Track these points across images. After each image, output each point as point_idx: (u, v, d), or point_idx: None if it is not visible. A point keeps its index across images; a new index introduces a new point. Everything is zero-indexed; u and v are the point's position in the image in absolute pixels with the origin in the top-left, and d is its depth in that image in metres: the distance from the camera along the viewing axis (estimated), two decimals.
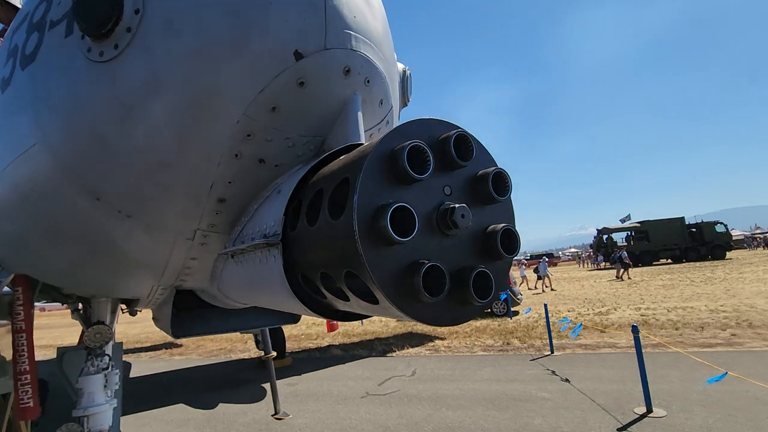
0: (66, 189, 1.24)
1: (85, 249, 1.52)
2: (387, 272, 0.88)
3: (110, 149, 1.12)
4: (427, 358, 9.57)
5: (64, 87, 1.11)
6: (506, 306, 14.41)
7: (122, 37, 0.98)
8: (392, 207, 0.84)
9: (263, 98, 1.03)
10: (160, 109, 1.03)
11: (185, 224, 1.33)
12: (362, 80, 1.14)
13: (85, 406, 3.23)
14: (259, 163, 1.17)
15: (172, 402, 7.52)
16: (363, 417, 6.01)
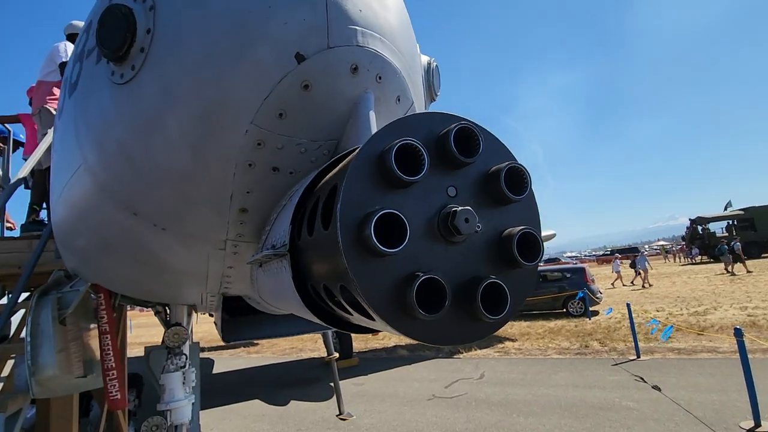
0: (107, 206, 1.33)
1: (134, 261, 1.63)
2: (379, 286, 0.79)
3: (137, 166, 1.17)
4: (496, 360, 9.19)
5: (96, 110, 1.19)
6: (583, 305, 13.40)
7: (137, 58, 1.02)
8: (377, 214, 0.75)
9: (269, 105, 1.01)
10: (175, 123, 1.05)
11: (214, 235, 1.36)
12: (373, 77, 1.07)
13: (167, 401, 3.52)
14: (273, 171, 1.15)
15: (249, 397, 7.99)
16: (429, 420, 5.90)
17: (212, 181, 1.14)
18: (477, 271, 0.88)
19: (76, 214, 1.52)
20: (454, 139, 0.86)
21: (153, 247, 1.44)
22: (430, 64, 1.43)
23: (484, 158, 0.93)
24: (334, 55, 0.99)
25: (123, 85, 1.06)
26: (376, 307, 0.79)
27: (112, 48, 1.02)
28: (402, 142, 0.81)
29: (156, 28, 1.01)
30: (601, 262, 52.12)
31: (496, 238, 0.92)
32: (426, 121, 0.90)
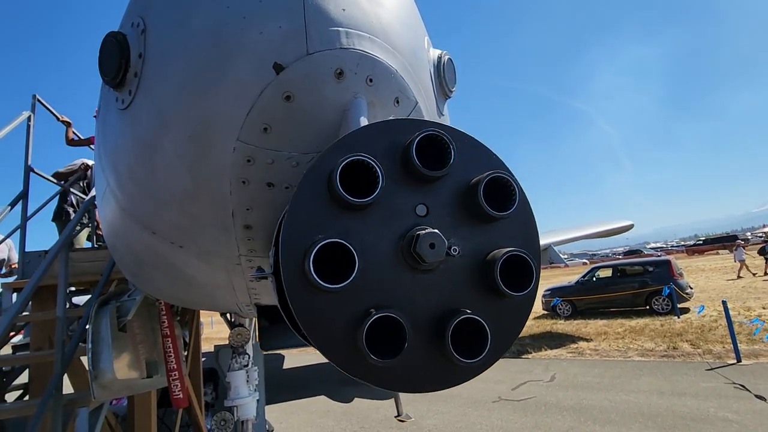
0: (131, 225, 1.39)
1: (165, 275, 1.70)
2: (327, 325, 0.71)
3: (145, 188, 1.20)
4: (568, 361, 8.60)
5: (110, 136, 1.25)
6: (670, 302, 12.08)
7: (132, 83, 1.03)
8: (317, 245, 0.67)
9: (252, 120, 0.96)
10: (170, 145, 1.06)
11: (227, 251, 1.36)
12: (362, 80, 0.97)
13: (233, 398, 3.73)
14: (268, 186, 1.10)
15: (315, 393, 8.28)
16: (495, 423, 5.67)
17: (212, 199, 1.13)
18: (452, 304, 0.76)
19: (113, 233, 1.62)
20: (421, 149, 0.75)
21: (176, 262, 1.48)
22: (440, 58, 1.29)
23: (463, 168, 0.80)
24: (315, 61, 0.91)
25: (124, 111, 1.09)
26: (324, 348, 0.71)
27: (111, 75, 1.05)
28: (349, 159, 0.71)
29: (146, 52, 1.01)
30: (691, 253, 46.70)
31: (479, 264, 0.79)
32: (385, 131, 0.80)
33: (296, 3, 0.89)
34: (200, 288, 1.75)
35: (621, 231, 13.24)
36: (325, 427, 6.35)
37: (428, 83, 1.20)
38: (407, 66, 1.04)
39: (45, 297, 3.30)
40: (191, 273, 1.54)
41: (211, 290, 1.77)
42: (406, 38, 1.07)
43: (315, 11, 0.90)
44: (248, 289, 1.66)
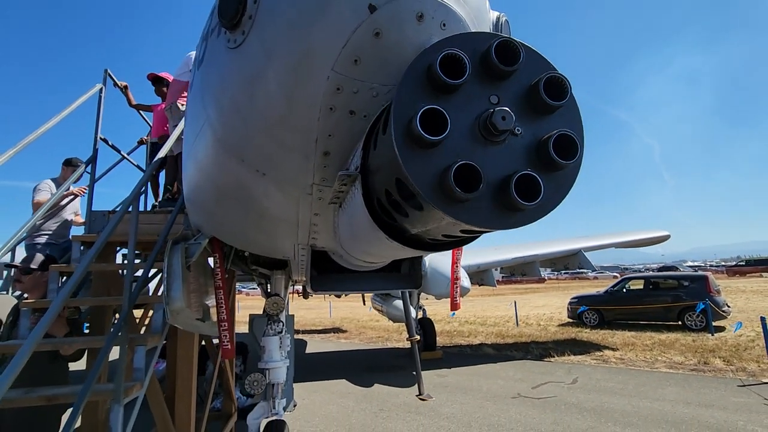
0: (222, 156, 1.61)
1: (240, 208, 1.92)
2: (425, 172, 0.91)
3: (244, 116, 1.40)
4: (592, 367, 8.47)
5: (216, 74, 1.46)
6: (705, 319, 11.63)
7: (246, 24, 1.24)
8: (422, 108, 0.88)
9: (346, 52, 1.15)
10: (273, 76, 1.26)
11: (303, 179, 1.56)
12: (437, 24, 1.15)
13: (266, 361, 3.98)
14: (350, 114, 1.29)
15: (337, 377, 8.53)
16: (512, 417, 5.71)
17: (301, 125, 1.33)
18: (515, 168, 0.96)
19: (199, 169, 1.85)
20: (496, 51, 0.95)
21: (255, 192, 1.70)
22: (498, 18, 1.48)
23: (527, 72, 0.99)
24: (401, 4, 1.09)
25: (235, 49, 1.29)
26: (424, 190, 0.90)
27: (228, 17, 1.25)
28: (447, 51, 0.92)
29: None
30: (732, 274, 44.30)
31: (536, 144, 0.99)
32: (472, 39, 1.00)
33: None
34: (268, 223, 1.96)
35: (656, 242, 12.81)
36: (346, 407, 6.56)
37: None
38: (473, 17, 1.21)
39: (106, 253, 3.65)
40: (266, 204, 1.75)
41: (276, 226, 1.98)
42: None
43: None
44: (311, 225, 1.85)
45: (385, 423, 5.76)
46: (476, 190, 0.90)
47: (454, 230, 1.11)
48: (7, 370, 1.64)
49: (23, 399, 2.26)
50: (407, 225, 1.17)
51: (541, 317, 17.93)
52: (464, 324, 16.91)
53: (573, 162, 0.97)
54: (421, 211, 1.00)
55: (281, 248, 2.29)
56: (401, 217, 1.11)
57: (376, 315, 21.33)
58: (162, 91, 5.06)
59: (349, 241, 1.73)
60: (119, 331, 2.21)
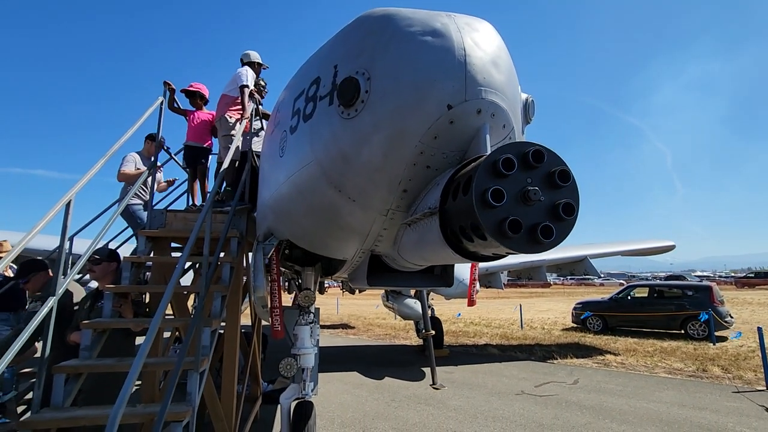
0: (323, 185, 2.17)
1: (326, 220, 2.48)
2: (492, 221, 1.48)
3: (350, 162, 1.98)
4: (593, 370, 8.85)
5: (328, 132, 2.02)
6: (707, 328, 11.91)
7: (359, 106, 1.84)
8: (492, 187, 1.47)
9: (430, 131, 1.75)
10: (377, 141, 1.84)
11: (384, 205, 2.14)
12: (489, 115, 1.77)
13: (298, 347, 4.46)
14: (426, 168, 1.89)
15: (348, 369, 9.00)
16: (516, 411, 6.13)
17: (391, 172, 1.92)
18: (541, 219, 1.53)
19: (297, 191, 2.41)
20: (532, 155, 1.53)
21: (343, 211, 2.27)
22: (527, 100, 2.07)
23: (548, 165, 1.57)
24: (468, 104, 1.71)
25: (348, 119, 1.88)
26: (489, 232, 1.46)
27: (346, 99, 1.84)
28: (505, 156, 1.49)
29: (371, 90, 1.80)
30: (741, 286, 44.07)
31: (551, 207, 1.56)
32: (519, 145, 1.57)
33: (461, 75, 1.70)
34: (345, 232, 2.48)
35: (662, 251, 13.13)
36: (359, 396, 7.03)
37: (519, 115, 1.96)
38: (511, 106, 1.78)
39: (162, 246, 4.14)
40: (348, 219, 2.29)
41: (350, 235, 2.51)
42: (512, 90, 1.86)
43: (471, 79, 1.71)
44: (377, 236, 2.37)
45: (397, 411, 6.21)
46: (519, 233, 1.46)
47: (500, 251, 1.66)
48: (143, 345, 2.11)
49: (118, 365, 2.74)
50: (469, 246, 1.72)
51: (545, 321, 18.26)
52: (469, 325, 17.32)
53: (572, 217, 1.54)
54: (484, 240, 1.54)
55: (345, 251, 2.82)
56: (467, 241, 1.64)
57: (381, 313, 21.81)
58: (197, 102, 5.54)
59: (410, 250, 2.27)
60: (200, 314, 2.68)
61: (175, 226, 4.11)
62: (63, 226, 2.75)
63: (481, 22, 1.90)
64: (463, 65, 1.69)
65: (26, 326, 2.43)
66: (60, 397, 2.62)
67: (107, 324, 3.06)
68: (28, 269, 3.79)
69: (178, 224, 4.13)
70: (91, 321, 3.01)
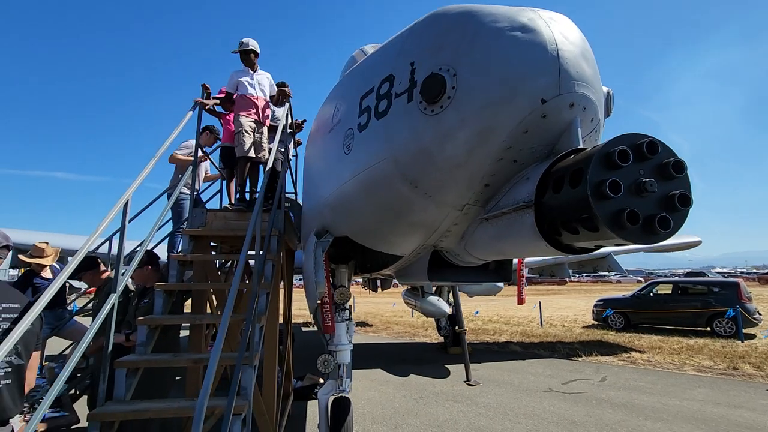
0: (397, 181, 2.18)
1: (394, 216, 2.49)
2: (606, 214, 1.49)
3: (431, 158, 1.98)
4: (620, 368, 8.76)
5: (407, 127, 2.03)
6: (735, 325, 11.67)
7: (444, 102, 1.84)
8: (609, 179, 1.47)
9: (520, 126, 1.75)
10: (463, 136, 1.84)
11: (459, 201, 2.15)
12: (581, 108, 1.77)
13: (335, 344, 4.52)
14: (512, 162, 1.89)
15: (372, 366, 9.07)
16: (547, 408, 6.11)
17: (474, 168, 1.92)
18: (655, 210, 1.54)
19: (366, 187, 2.40)
20: (646, 146, 1.53)
21: (415, 207, 2.27)
22: (608, 93, 2.05)
23: (660, 157, 1.57)
24: (562, 98, 1.70)
25: (431, 116, 1.88)
26: (606, 222, 1.46)
27: (430, 95, 1.84)
28: (620, 147, 1.49)
29: (458, 86, 1.79)
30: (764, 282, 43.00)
31: (664, 196, 1.57)
32: (630, 137, 1.56)
33: (554, 69, 1.70)
34: (413, 227, 2.50)
35: (687, 247, 12.89)
36: (386, 393, 7.08)
37: (603, 108, 1.93)
38: (598, 100, 1.79)
39: (203, 245, 4.24)
40: (420, 216, 2.31)
41: (418, 230, 2.53)
42: (599, 84, 1.85)
43: (564, 73, 1.70)
44: (445, 231, 2.39)
45: (427, 408, 6.24)
46: (636, 224, 1.47)
47: (607, 243, 1.66)
48: (218, 339, 2.18)
49: (173, 360, 2.83)
50: (568, 239, 1.72)
51: (564, 319, 18.09)
52: (488, 323, 17.25)
53: (688, 208, 1.55)
54: (594, 232, 1.55)
55: (405, 247, 2.85)
56: (570, 234, 1.65)
57: (399, 311, 21.85)
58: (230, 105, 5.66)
59: (485, 245, 2.29)
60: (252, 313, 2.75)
61: (215, 225, 4.20)
62: (122, 224, 2.85)
63: (561, 16, 1.88)
64: (556, 59, 1.69)
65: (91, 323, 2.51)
66: (122, 390, 2.72)
67: (160, 320, 3.16)
68: (80, 267, 3.92)
69: (218, 223, 4.22)
70: (145, 317, 3.11)
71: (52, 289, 2.08)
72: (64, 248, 7.80)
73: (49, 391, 2.15)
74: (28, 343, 2.04)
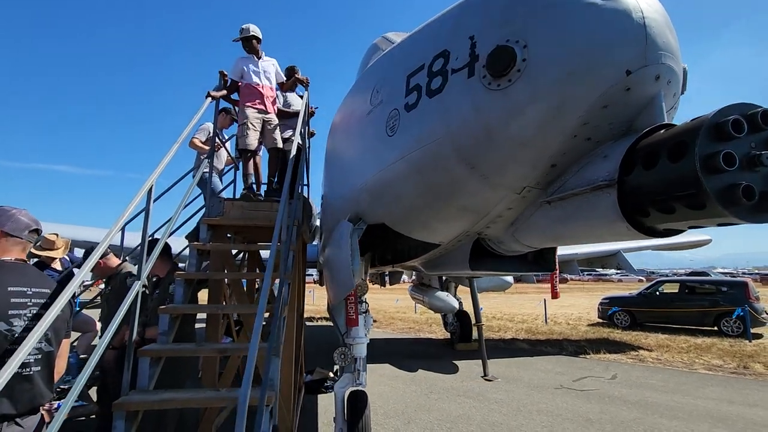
0: (452, 162, 2.02)
1: (443, 200, 2.31)
2: (718, 188, 1.36)
3: (494, 136, 1.83)
4: (629, 365, 8.71)
5: (468, 104, 1.87)
6: (742, 325, 11.61)
7: (513, 75, 1.69)
8: (723, 151, 1.34)
9: (600, 100, 1.60)
10: (534, 112, 1.69)
11: (520, 183, 1.99)
12: (665, 82, 1.64)
13: (353, 337, 4.46)
14: (586, 140, 1.75)
15: (380, 362, 9.02)
16: (560, 405, 6.06)
17: (542, 146, 1.77)
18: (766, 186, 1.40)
19: (415, 170, 2.23)
20: (761, 116, 1.39)
21: (469, 190, 2.10)
22: (684, 68, 1.91)
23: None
24: (648, 69, 1.56)
25: (498, 90, 1.72)
26: (718, 198, 1.34)
27: (498, 69, 1.69)
28: (733, 117, 1.36)
29: (530, 59, 1.65)
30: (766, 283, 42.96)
31: None
32: (741, 107, 1.43)
33: (641, 38, 1.56)
34: (459, 214, 2.36)
35: (697, 245, 12.85)
36: (396, 388, 7.04)
37: (681, 82, 1.78)
38: (679, 72, 1.66)
39: (221, 234, 4.18)
40: (471, 200, 2.17)
41: (463, 215, 2.38)
42: (680, 56, 1.70)
43: (651, 42, 1.56)
44: (496, 217, 2.27)
45: (438, 403, 6.20)
46: (752, 200, 1.34)
47: (710, 223, 1.54)
48: (255, 329, 2.11)
49: (198, 350, 2.77)
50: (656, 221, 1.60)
51: (569, 317, 18.04)
52: (492, 320, 17.20)
53: None
54: (698, 210, 1.42)
55: (448, 234, 2.67)
56: (660, 214, 1.54)
57: (402, 307, 21.82)
58: None
59: (543, 230, 2.14)
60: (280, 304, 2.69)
61: (232, 214, 4.14)
62: (146, 211, 2.78)
63: None
64: (643, 27, 1.56)
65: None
66: (146, 380, 2.66)
67: (182, 309, 3.10)
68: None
69: (236, 212, 4.15)
70: (167, 306, 3.05)
71: (82, 273, 2.02)
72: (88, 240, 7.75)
73: (77, 381, 2.10)
74: (59, 330, 1.98)
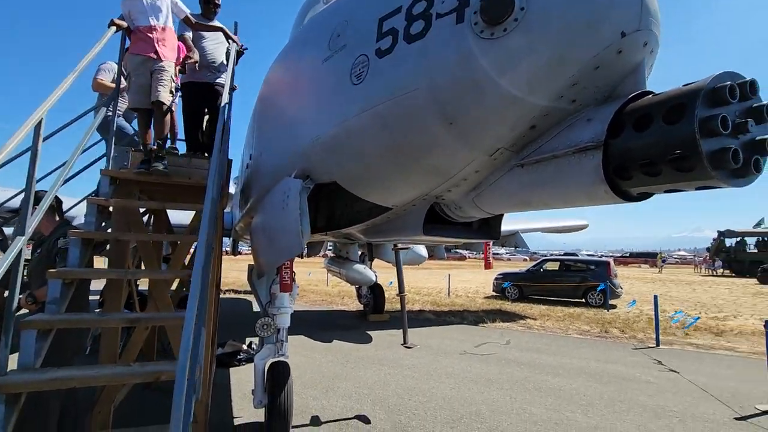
0: (429, 116, 1.82)
1: (410, 159, 2.11)
2: (710, 151, 1.41)
3: (481, 90, 1.67)
4: (520, 332, 9.83)
5: (455, 53, 1.68)
6: (603, 297, 13.86)
7: (510, 25, 1.55)
8: (722, 114, 1.38)
9: (593, 61, 1.55)
10: (527, 66, 1.57)
11: (495, 143, 1.85)
12: (649, 51, 1.63)
13: (278, 306, 4.25)
14: (571, 102, 1.69)
15: (296, 333, 8.86)
16: (464, 368, 6.60)
17: (528, 106, 1.66)
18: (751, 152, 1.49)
19: (382, 124, 2.01)
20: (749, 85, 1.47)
21: (439, 148, 1.94)
22: None
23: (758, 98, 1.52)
24: (640, 33, 1.53)
25: (492, 39, 1.58)
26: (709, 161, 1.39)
27: (493, 16, 1.55)
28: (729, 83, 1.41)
29: (529, 8, 1.53)
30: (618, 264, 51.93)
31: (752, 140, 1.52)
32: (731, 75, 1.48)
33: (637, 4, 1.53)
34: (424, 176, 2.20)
35: (576, 229, 14.79)
36: (313, 359, 6.99)
37: None
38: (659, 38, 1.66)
39: (128, 191, 3.59)
40: (443, 159, 2.02)
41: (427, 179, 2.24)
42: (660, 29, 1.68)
43: (645, 7, 1.54)
44: (460, 180, 2.16)
45: (355, 372, 6.31)
46: (738, 164, 1.40)
47: (690, 187, 1.57)
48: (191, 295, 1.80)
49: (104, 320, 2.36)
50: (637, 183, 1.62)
51: (468, 290, 19.70)
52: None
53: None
54: (685, 172, 1.46)
55: (404, 197, 2.52)
56: (644, 177, 1.55)
57: (314, 280, 21.63)
58: None
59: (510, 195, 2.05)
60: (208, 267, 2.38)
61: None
62: (32, 152, 2.19)
63: None
64: None
65: None
66: (30, 356, 2.18)
67: (79, 273, 2.59)
68: None
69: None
70: (59, 270, 2.52)
71: None
72: None
73: None
74: None
